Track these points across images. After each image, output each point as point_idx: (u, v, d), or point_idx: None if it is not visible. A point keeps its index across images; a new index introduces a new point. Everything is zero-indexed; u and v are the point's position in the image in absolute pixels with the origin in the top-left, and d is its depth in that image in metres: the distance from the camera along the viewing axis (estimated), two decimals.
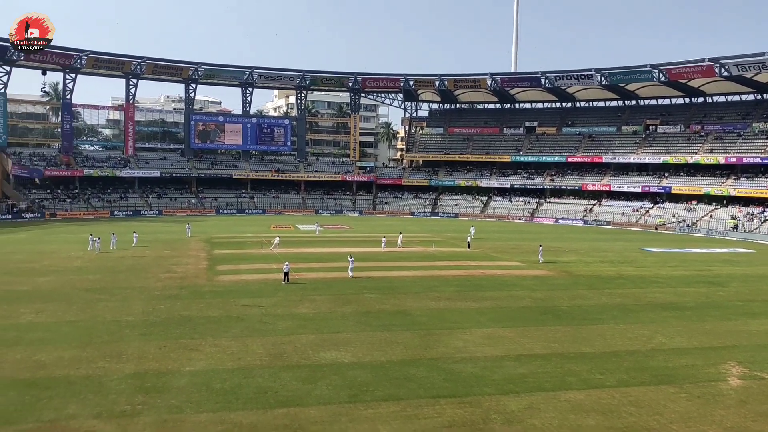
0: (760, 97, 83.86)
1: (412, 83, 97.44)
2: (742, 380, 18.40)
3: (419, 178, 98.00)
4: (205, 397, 15.92)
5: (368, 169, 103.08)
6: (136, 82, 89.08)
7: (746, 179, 75.27)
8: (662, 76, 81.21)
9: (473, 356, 19.86)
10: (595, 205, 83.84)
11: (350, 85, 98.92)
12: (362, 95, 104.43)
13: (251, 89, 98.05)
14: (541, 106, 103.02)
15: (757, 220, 67.63)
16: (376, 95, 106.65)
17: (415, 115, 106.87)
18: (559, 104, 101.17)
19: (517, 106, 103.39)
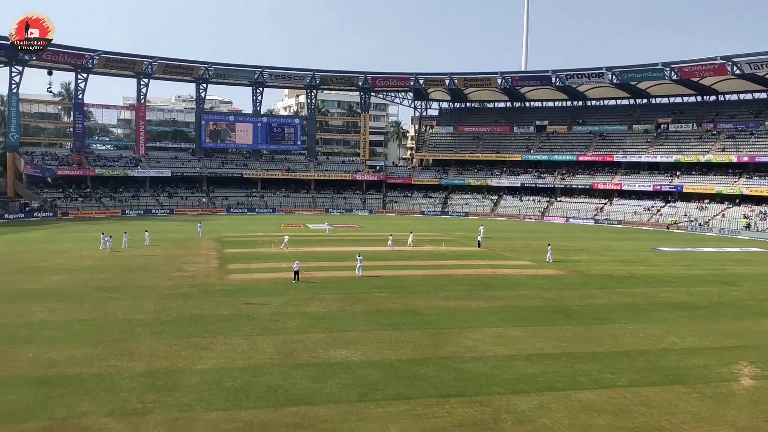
0: None
1: (422, 82, 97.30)
2: (754, 380, 18.27)
3: (429, 177, 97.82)
4: (215, 395, 15.99)
5: (378, 168, 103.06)
6: (147, 81, 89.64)
7: (759, 178, 74.52)
8: (674, 74, 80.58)
9: (483, 355, 19.82)
10: (606, 204, 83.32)
11: (360, 84, 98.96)
12: (372, 94, 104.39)
13: (262, 89, 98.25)
14: (551, 104, 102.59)
15: None
16: (386, 94, 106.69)
17: (425, 114, 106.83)
18: (569, 103, 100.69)
19: (527, 104, 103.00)
